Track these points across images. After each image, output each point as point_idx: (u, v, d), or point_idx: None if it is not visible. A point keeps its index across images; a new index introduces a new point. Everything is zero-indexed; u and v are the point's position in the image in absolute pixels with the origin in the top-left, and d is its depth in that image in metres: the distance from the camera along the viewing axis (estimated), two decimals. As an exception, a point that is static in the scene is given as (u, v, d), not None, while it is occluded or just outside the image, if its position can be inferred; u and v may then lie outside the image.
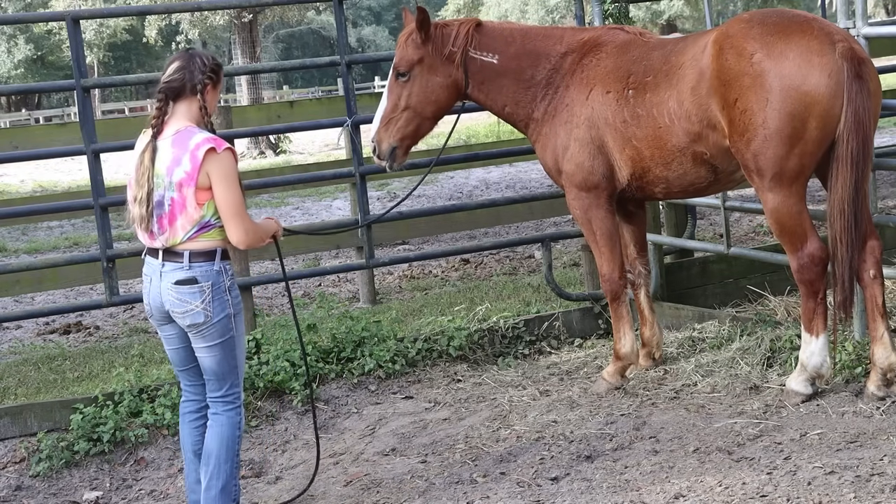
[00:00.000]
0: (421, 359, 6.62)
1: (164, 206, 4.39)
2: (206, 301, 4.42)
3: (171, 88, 4.46)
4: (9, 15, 13.39)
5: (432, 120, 5.92)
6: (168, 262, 4.43)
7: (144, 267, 4.56)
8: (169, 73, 4.47)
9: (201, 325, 4.44)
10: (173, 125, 4.45)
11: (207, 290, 4.42)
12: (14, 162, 9.49)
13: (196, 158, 4.33)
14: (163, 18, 35.29)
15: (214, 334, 4.47)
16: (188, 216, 4.38)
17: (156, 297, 4.49)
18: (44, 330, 9.54)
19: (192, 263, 4.41)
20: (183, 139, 4.38)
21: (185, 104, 4.47)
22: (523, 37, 5.91)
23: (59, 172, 24.62)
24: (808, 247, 5.09)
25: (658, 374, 6.04)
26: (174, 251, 4.42)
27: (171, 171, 4.36)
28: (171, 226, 4.40)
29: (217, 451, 4.55)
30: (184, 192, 4.35)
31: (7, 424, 6.01)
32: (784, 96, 4.87)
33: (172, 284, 4.42)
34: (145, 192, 4.37)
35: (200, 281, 4.42)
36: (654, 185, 5.59)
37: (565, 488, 4.51)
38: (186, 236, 4.40)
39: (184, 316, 4.44)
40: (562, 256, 10.31)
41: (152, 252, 4.50)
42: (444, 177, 18.08)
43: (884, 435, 4.59)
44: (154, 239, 4.45)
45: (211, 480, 4.54)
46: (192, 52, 4.56)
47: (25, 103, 52.46)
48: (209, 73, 4.48)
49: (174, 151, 4.38)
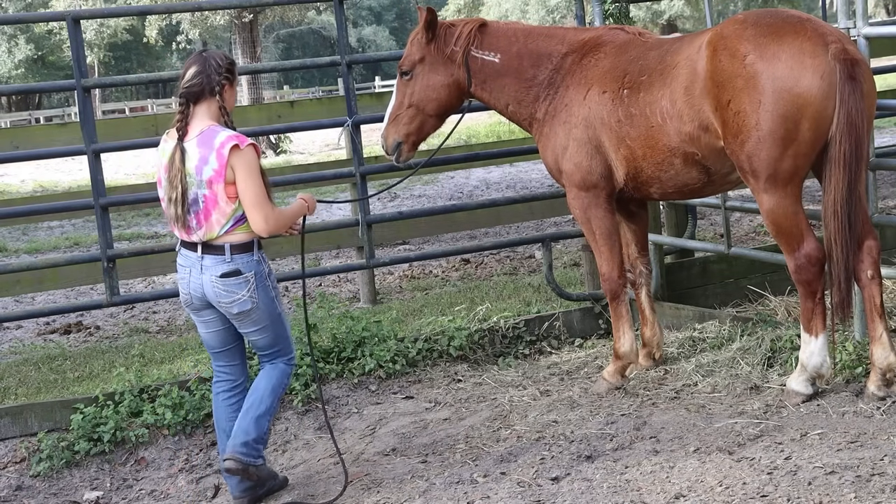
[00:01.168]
0: (421, 359, 6.62)
1: (198, 203, 4.71)
2: (251, 290, 4.78)
3: (192, 93, 4.74)
4: (9, 15, 13.39)
5: (436, 118, 5.99)
6: (208, 255, 4.76)
7: (180, 259, 4.86)
8: (187, 79, 4.75)
9: (249, 311, 4.81)
10: (196, 126, 4.74)
11: (251, 280, 4.78)
12: (14, 162, 9.49)
13: (222, 156, 4.64)
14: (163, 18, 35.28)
15: (264, 318, 4.86)
16: (221, 211, 4.70)
17: (197, 288, 4.81)
18: (44, 330, 9.55)
19: (233, 256, 4.75)
20: (208, 139, 4.68)
21: (205, 105, 4.77)
22: (526, 36, 5.94)
23: (60, 172, 24.62)
24: (804, 247, 5.09)
25: (658, 374, 6.04)
26: (213, 245, 4.75)
27: (200, 170, 4.67)
28: (207, 221, 4.72)
29: (264, 387, 4.93)
30: (214, 189, 4.67)
31: (7, 424, 6.02)
32: (777, 98, 4.87)
33: (217, 278, 4.75)
34: (180, 193, 4.67)
35: (244, 272, 4.77)
36: (648, 185, 5.59)
37: (566, 488, 4.51)
38: (223, 230, 4.73)
39: (231, 305, 4.78)
40: (562, 256, 10.31)
41: (189, 245, 4.81)
42: (444, 177, 18.09)
43: (884, 435, 4.59)
44: (191, 234, 4.76)
45: (250, 408, 4.89)
46: (207, 55, 4.82)
47: (26, 103, 52.46)
48: (225, 73, 4.78)
49: (201, 151, 4.68)
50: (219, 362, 5.04)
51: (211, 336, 4.98)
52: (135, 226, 15.64)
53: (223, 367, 5.04)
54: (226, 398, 5.02)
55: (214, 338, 4.98)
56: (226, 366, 5.04)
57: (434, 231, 10.58)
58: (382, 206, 14.92)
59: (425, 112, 5.95)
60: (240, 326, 4.91)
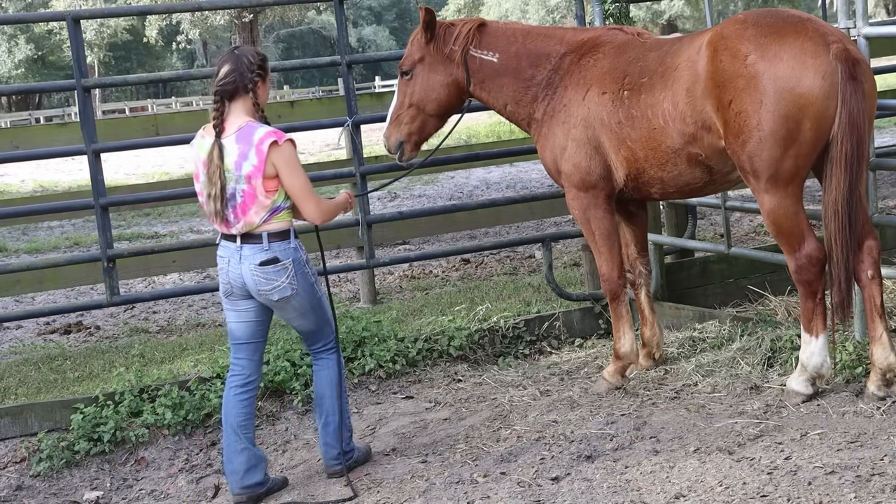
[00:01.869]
0: (421, 359, 6.62)
1: (236, 198, 4.83)
2: (290, 276, 4.92)
3: (226, 90, 4.86)
4: (9, 15, 13.39)
5: (436, 117, 6.01)
6: (247, 245, 4.89)
7: (220, 250, 4.99)
8: (221, 77, 4.87)
9: (290, 297, 4.93)
10: (233, 122, 4.86)
11: (290, 266, 4.92)
12: (14, 162, 9.49)
13: (262, 152, 4.78)
14: (163, 18, 35.32)
15: (304, 303, 5.00)
16: (260, 204, 4.83)
17: (237, 278, 4.93)
18: (44, 330, 9.55)
19: (271, 244, 4.88)
20: (246, 135, 4.81)
21: (239, 102, 4.89)
22: (524, 36, 5.94)
23: (60, 172, 24.62)
24: (805, 247, 5.08)
25: (658, 374, 6.04)
26: (252, 234, 4.87)
27: (239, 166, 4.80)
28: (245, 214, 4.85)
29: (329, 391, 5.13)
30: (253, 184, 4.80)
31: (7, 424, 6.02)
32: (778, 98, 4.87)
33: (257, 266, 4.87)
34: (219, 189, 4.82)
35: (282, 259, 4.90)
36: (649, 185, 5.59)
37: (566, 488, 4.51)
38: (262, 220, 4.86)
39: (271, 292, 4.91)
40: (562, 256, 10.31)
41: (228, 237, 4.94)
42: (444, 177, 18.09)
43: (884, 435, 4.59)
44: (230, 227, 4.89)
45: (328, 417, 5.13)
46: (239, 53, 4.94)
47: (26, 103, 52.46)
48: (257, 70, 4.90)
49: (240, 147, 4.80)
50: (238, 355, 5.11)
51: (241, 326, 5.06)
52: (135, 226, 15.64)
53: (241, 361, 5.10)
54: (237, 392, 5.07)
55: (244, 329, 5.06)
56: (244, 359, 5.10)
57: (434, 231, 10.57)
58: (382, 206, 14.91)
59: (426, 112, 5.96)
60: (282, 314, 5.04)
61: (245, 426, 5.05)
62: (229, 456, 5.06)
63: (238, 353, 5.11)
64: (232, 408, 5.07)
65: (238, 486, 5.05)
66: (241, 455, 5.02)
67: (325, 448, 5.18)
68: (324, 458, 5.22)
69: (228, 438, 5.06)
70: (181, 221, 15.90)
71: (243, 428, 5.05)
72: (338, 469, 5.15)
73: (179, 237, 14.19)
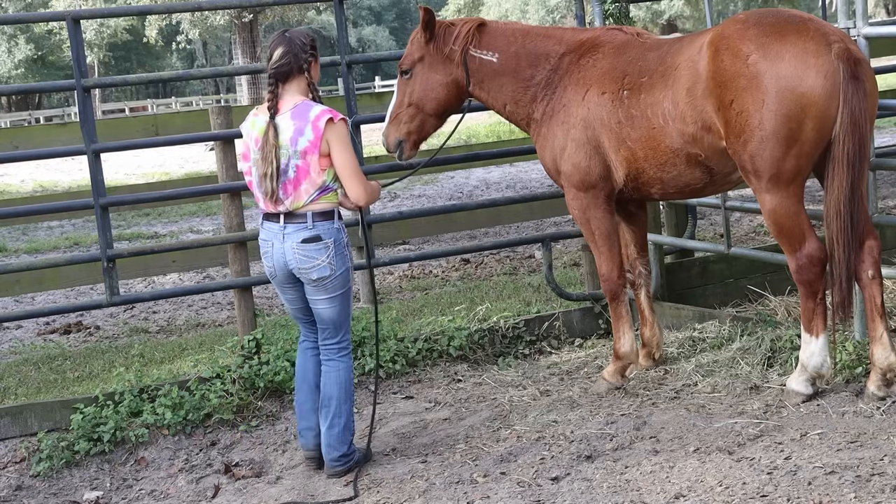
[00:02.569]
0: (421, 359, 6.62)
1: (288, 173, 4.92)
2: (330, 256, 4.99)
3: (281, 72, 4.98)
4: (9, 15, 13.37)
5: (435, 117, 6.00)
6: (290, 223, 4.98)
7: (262, 233, 5.08)
8: (276, 59, 4.97)
9: (327, 278, 5.01)
10: (287, 102, 4.97)
11: (331, 246, 5.00)
12: (14, 162, 9.47)
13: (318, 129, 4.89)
14: (163, 18, 35.31)
15: (337, 286, 5.06)
16: (312, 181, 4.93)
17: (280, 259, 5.03)
18: (44, 330, 9.55)
19: (315, 223, 4.98)
20: (302, 112, 4.93)
21: (294, 83, 5.00)
22: (524, 36, 5.93)
23: (60, 172, 24.63)
24: (806, 247, 5.08)
25: (658, 374, 6.04)
26: (296, 213, 4.97)
27: (295, 141, 4.90)
28: (296, 190, 4.94)
29: (337, 393, 5.16)
30: (308, 160, 4.90)
31: (7, 424, 6.02)
32: (780, 98, 4.86)
33: (299, 243, 4.96)
34: (274, 168, 4.90)
35: (324, 238, 4.99)
36: (649, 185, 5.59)
37: (566, 488, 4.51)
38: (310, 199, 4.95)
39: (310, 271, 4.99)
40: (562, 256, 10.31)
41: (271, 217, 5.03)
42: (444, 177, 18.09)
43: (884, 435, 4.59)
44: (279, 205, 4.96)
45: (334, 419, 5.15)
46: (290, 35, 5.04)
47: (26, 103, 52.45)
48: (310, 51, 5.03)
49: (296, 123, 4.91)
50: (306, 328, 5.30)
51: (296, 310, 5.25)
52: (135, 226, 15.65)
53: (311, 331, 5.29)
54: (313, 353, 5.27)
55: (300, 311, 5.24)
56: (312, 331, 5.29)
57: (434, 231, 10.57)
58: (382, 206, 14.91)
59: (425, 111, 5.95)
60: (314, 294, 5.09)
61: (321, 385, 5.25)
62: (305, 413, 5.26)
63: (304, 326, 5.31)
64: (311, 367, 5.26)
65: (313, 444, 5.27)
66: (318, 413, 5.23)
67: (328, 450, 5.19)
68: (326, 460, 5.22)
69: (305, 396, 5.26)
70: (181, 221, 15.91)
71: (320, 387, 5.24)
72: (339, 471, 5.19)
73: (179, 237, 14.19)
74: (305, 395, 5.28)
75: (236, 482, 5.44)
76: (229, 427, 6.00)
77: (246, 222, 6.97)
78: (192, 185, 10.83)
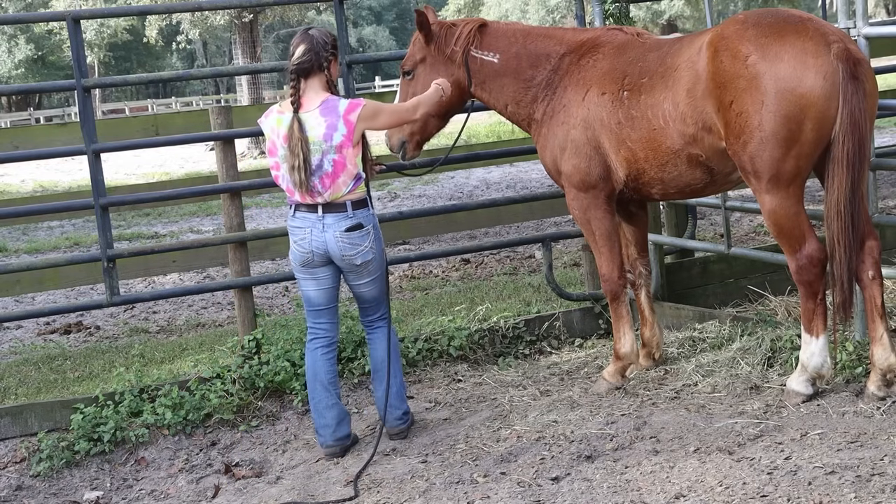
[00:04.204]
0: (421, 359, 6.62)
1: (323, 167, 5.13)
2: (370, 241, 5.29)
3: (302, 69, 5.17)
4: (9, 15, 13.35)
5: (437, 117, 6.01)
6: (329, 213, 5.20)
7: (296, 222, 5.27)
8: (298, 56, 5.17)
9: (370, 262, 5.31)
10: (311, 98, 5.17)
11: (371, 231, 5.29)
12: (14, 162, 9.46)
13: (350, 122, 5.13)
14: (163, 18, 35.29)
15: (377, 267, 5.38)
16: (348, 173, 5.17)
17: (319, 245, 5.24)
18: (44, 330, 9.55)
19: (354, 211, 5.23)
20: (331, 108, 5.15)
21: (315, 79, 5.20)
22: (525, 37, 5.93)
23: (60, 172, 24.64)
24: (806, 248, 5.08)
25: (658, 374, 6.04)
26: (335, 203, 5.19)
27: (329, 137, 5.11)
28: (334, 183, 5.16)
29: (387, 356, 5.47)
30: (344, 153, 5.14)
31: (7, 424, 6.02)
32: (779, 98, 4.86)
33: (343, 232, 5.21)
34: (301, 160, 5.08)
35: (365, 224, 5.26)
36: (650, 186, 5.59)
37: (566, 488, 4.51)
38: (348, 190, 5.18)
39: (355, 256, 5.26)
40: (562, 256, 10.31)
41: (307, 207, 5.22)
42: (444, 177, 18.09)
43: (884, 435, 4.59)
44: (316, 197, 5.18)
45: (391, 379, 5.48)
46: (313, 34, 5.24)
47: (27, 103, 52.44)
48: (331, 49, 5.23)
49: (327, 120, 5.12)
50: (320, 320, 5.43)
51: (320, 293, 5.38)
52: (135, 226, 15.65)
53: (323, 325, 5.44)
54: (324, 353, 5.43)
55: (323, 295, 5.39)
56: (326, 323, 5.44)
57: (434, 231, 10.56)
58: (382, 206, 14.91)
59: (427, 111, 5.94)
60: (356, 279, 5.35)
61: (334, 383, 5.43)
62: (320, 411, 5.41)
63: (319, 318, 5.43)
64: (322, 367, 5.41)
65: (331, 438, 5.43)
66: (333, 410, 5.40)
67: (390, 410, 5.47)
68: (388, 420, 5.49)
69: (319, 395, 5.41)
70: (181, 221, 15.91)
71: (333, 385, 5.43)
72: (402, 428, 5.52)
73: (179, 237, 14.20)
74: (319, 393, 5.42)
75: (236, 482, 5.44)
76: (229, 427, 6.00)
77: (246, 222, 6.97)
78: (193, 185, 10.83)
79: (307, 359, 5.48)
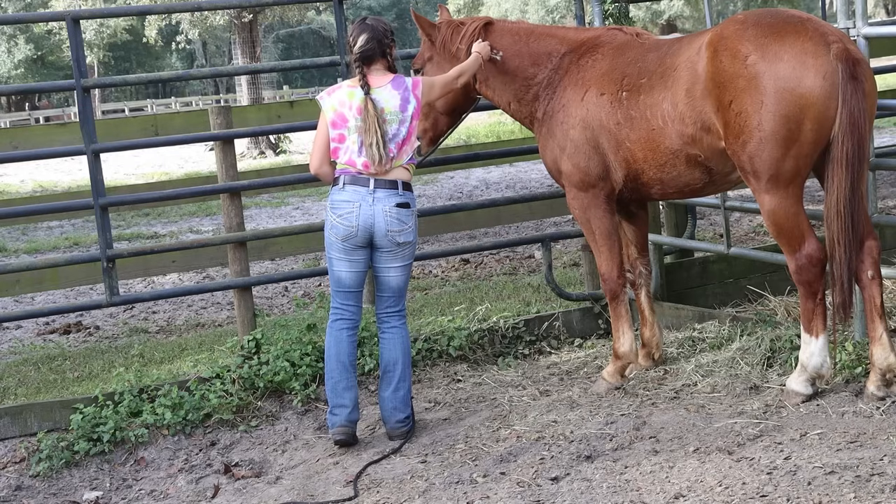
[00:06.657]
0: (421, 359, 6.62)
1: (399, 136, 5.40)
2: (413, 222, 5.47)
3: (366, 56, 5.44)
4: (9, 15, 13.38)
5: (446, 115, 6.12)
6: (381, 189, 5.37)
7: (345, 195, 5.36)
8: (360, 44, 5.43)
9: (409, 243, 5.48)
10: (377, 79, 5.43)
11: (415, 214, 5.49)
12: (14, 162, 9.47)
13: (417, 97, 5.48)
14: (163, 18, 35.29)
15: (411, 253, 5.53)
16: (412, 143, 5.48)
17: (366, 220, 5.36)
18: (44, 330, 9.55)
19: (404, 191, 5.42)
20: (400, 84, 5.47)
21: (378, 64, 5.47)
22: (528, 35, 5.97)
23: (59, 172, 24.64)
24: (805, 248, 5.08)
25: (658, 374, 6.04)
26: (386, 180, 5.38)
27: (405, 108, 5.43)
28: (400, 150, 5.41)
29: (402, 358, 5.53)
30: (413, 124, 5.46)
31: (7, 424, 6.02)
32: (779, 98, 4.86)
33: (394, 207, 5.37)
34: (380, 136, 5.32)
35: (411, 206, 5.45)
36: (649, 186, 5.59)
37: (565, 488, 4.51)
38: (408, 159, 5.45)
39: (399, 234, 5.41)
40: (562, 256, 10.31)
41: (359, 181, 5.36)
42: (444, 177, 18.10)
43: (884, 435, 4.59)
44: (384, 165, 5.35)
45: (400, 382, 5.51)
46: (372, 23, 5.51)
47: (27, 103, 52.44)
48: (391, 36, 5.54)
49: (401, 93, 5.43)
50: (348, 302, 5.52)
51: (351, 275, 5.47)
52: (134, 226, 15.65)
53: (350, 307, 5.52)
54: (349, 334, 5.51)
55: (354, 277, 5.48)
56: (353, 306, 5.53)
57: (434, 231, 10.55)
58: (382, 206, 14.88)
59: (437, 109, 6.05)
60: (390, 260, 5.46)
61: (354, 365, 5.52)
62: (339, 392, 5.44)
63: (347, 299, 5.51)
64: (345, 347, 5.48)
65: (345, 419, 5.47)
66: (351, 392, 5.47)
67: (393, 412, 5.49)
68: (388, 422, 5.52)
69: (339, 376, 5.45)
70: (181, 221, 15.91)
71: (353, 367, 5.51)
72: (403, 431, 5.50)
73: (179, 237, 14.20)
74: (340, 374, 5.46)
75: (236, 482, 5.44)
76: (229, 427, 6.00)
77: (245, 222, 6.97)
78: (192, 185, 10.82)
79: (328, 339, 5.51)
